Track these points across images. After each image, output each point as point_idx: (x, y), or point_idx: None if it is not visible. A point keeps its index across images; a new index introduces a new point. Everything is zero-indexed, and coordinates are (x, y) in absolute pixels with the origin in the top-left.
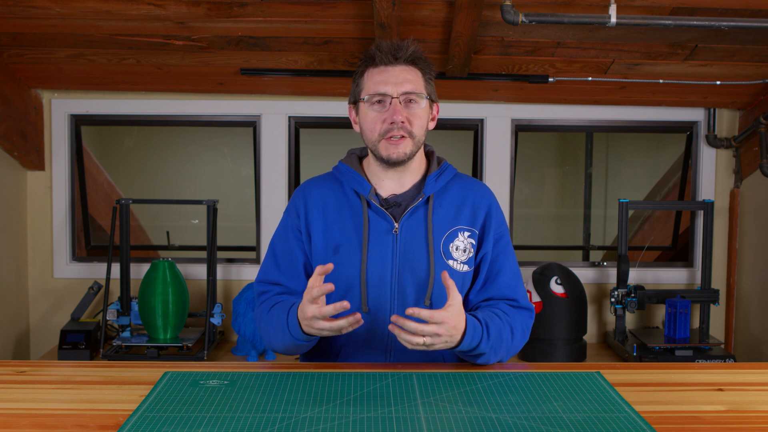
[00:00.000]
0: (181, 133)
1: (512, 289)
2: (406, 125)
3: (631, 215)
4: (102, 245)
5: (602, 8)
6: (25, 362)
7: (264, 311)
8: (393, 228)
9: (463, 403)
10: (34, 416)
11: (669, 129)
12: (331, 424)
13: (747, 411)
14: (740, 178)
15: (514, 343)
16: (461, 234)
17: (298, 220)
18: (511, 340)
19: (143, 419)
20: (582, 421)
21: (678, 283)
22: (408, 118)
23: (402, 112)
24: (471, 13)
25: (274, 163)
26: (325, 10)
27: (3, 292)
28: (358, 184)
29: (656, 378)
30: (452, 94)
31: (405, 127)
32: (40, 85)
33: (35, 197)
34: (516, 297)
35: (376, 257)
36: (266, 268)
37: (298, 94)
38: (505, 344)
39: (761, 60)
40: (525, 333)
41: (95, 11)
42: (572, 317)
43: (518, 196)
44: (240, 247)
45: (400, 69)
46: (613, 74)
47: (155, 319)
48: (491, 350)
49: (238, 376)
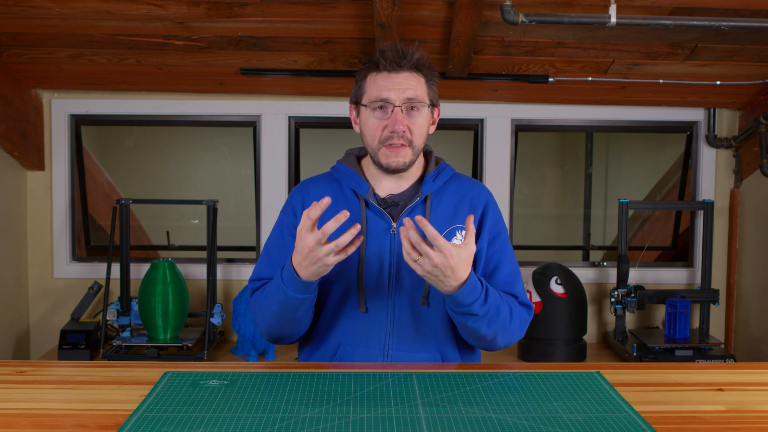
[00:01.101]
0: (181, 133)
1: (510, 285)
2: (407, 134)
3: (631, 215)
4: (102, 245)
5: (602, 8)
6: (25, 362)
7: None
8: (391, 227)
9: (463, 403)
10: (34, 416)
11: (669, 129)
12: (331, 424)
13: (747, 411)
14: (740, 178)
15: (511, 329)
16: (459, 233)
17: (295, 218)
18: (509, 322)
19: (143, 419)
20: (582, 421)
21: (678, 283)
22: (409, 126)
23: (403, 121)
24: (471, 13)
25: (274, 163)
26: (325, 10)
27: (3, 292)
28: (356, 184)
29: (656, 378)
30: (452, 94)
31: (405, 136)
32: (40, 85)
33: (35, 197)
34: (515, 293)
35: (374, 256)
36: (260, 267)
37: (298, 94)
38: (501, 321)
39: (761, 60)
40: (522, 326)
41: (95, 11)
42: (572, 317)
43: (518, 196)
44: (240, 247)
45: (403, 76)
46: (613, 74)
47: (155, 319)
48: (484, 318)
49: (238, 376)
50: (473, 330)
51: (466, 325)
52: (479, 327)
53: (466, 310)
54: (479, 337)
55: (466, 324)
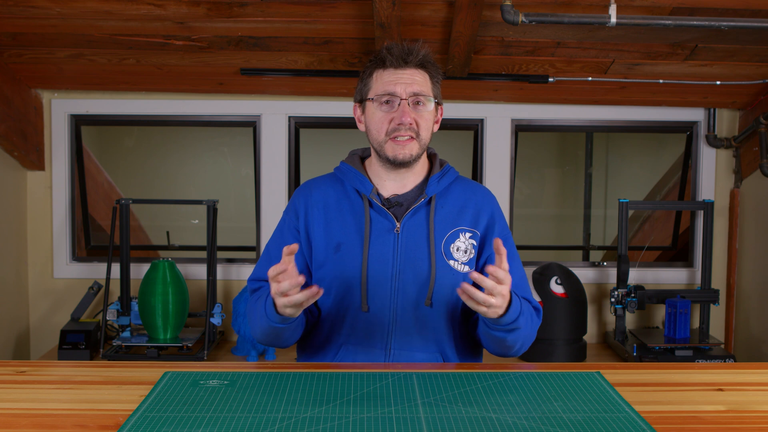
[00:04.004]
0: (181, 133)
1: (520, 288)
2: (414, 126)
3: (631, 215)
4: (102, 245)
5: (602, 8)
6: (25, 362)
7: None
8: (395, 227)
9: (463, 403)
10: (34, 416)
11: (669, 129)
12: (331, 424)
13: (747, 411)
14: (740, 178)
15: (532, 333)
16: (462, 235)
17: (297, 220)
18: (531, 325)
19: (143, 419)
20: (582, 421)
21: (678, 283)
22: (415, 119)
23: (410, 113)
24: (471, 13)
25: (274, 163)
26: (325, 10)
27: (3, 292)
28: (360, 184)
29: (656, 378)
30: (452, 94)
31: (413, 128)
32: (40, 85)
33: (35, 197)
34: (526, 297)
35: (378, 256)
36: (260, 266)
37: (298, 94)
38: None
39: (761, 60)
40: (536, 329)
41: (95, 11)
42: (572, 317)
43: (518, 196)
44: (240, 247)
45: (409, 72)
46: (613, 74)
47: (155, 319)
48: (525, 327)
49: (238, 376)
50: (511, 342)
51: (505, 340)
52: (517, 339)
53: (511, 326)
54: (508, 347)
55: (506, 339)
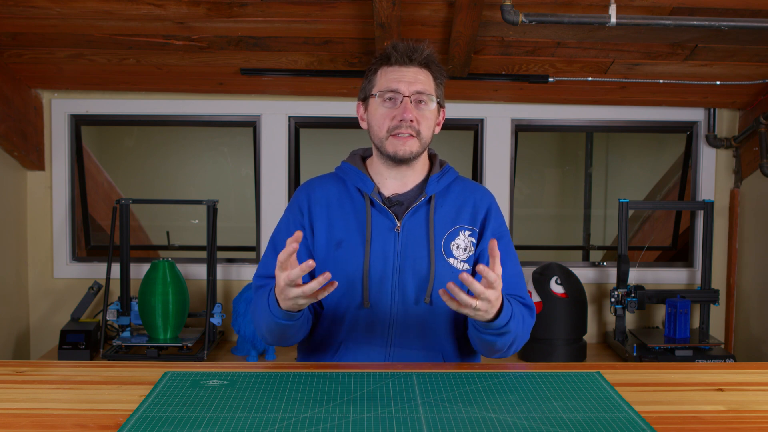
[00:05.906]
0: (181, 133)
1: (514, 286)
2: (415, 124)
3: (631, 215)
4: (102, 245)
5: (602, 8)
6: (25, 362)
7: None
8: (395, 226)
9: (463, 403)
10: (34, 416)
11: (669, 129)
12: (331, 424)
13: (747, 411)
14: (740, 178)
15: (524, 334)
16: (462, 233)
17: (302, 216)
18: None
19: (143, 419)
20: (582, 421)
21: (678, 283)
22: (417, 117)
23: (412, 111)
24: (471, 13)
25: (274, 163)
26: (325, 10)
27: (3, 292)
28: (361, 182)
29: (656, 378)
30: (452, 94)
31: (414, 126)
32: (40, 85)
33: (35, 197)
34: (519, 294)
35: (378, 254)
36: (266, 263)
37: (298, 94)
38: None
39: (761, 60)
40: (529, 329)
41: (95, 11)
42: (572, 317)
43: (518, 196)
44: (240, 247)
45: (413, 71)
46: (613, 74)
47: (155, 319)
48: (515, 330)
49: (238, 376)
50: (500, 346)
51: (495, 343)
52: (507, 342)
53: (501, 330)
54: (497, 350)
55: (496, 343)
